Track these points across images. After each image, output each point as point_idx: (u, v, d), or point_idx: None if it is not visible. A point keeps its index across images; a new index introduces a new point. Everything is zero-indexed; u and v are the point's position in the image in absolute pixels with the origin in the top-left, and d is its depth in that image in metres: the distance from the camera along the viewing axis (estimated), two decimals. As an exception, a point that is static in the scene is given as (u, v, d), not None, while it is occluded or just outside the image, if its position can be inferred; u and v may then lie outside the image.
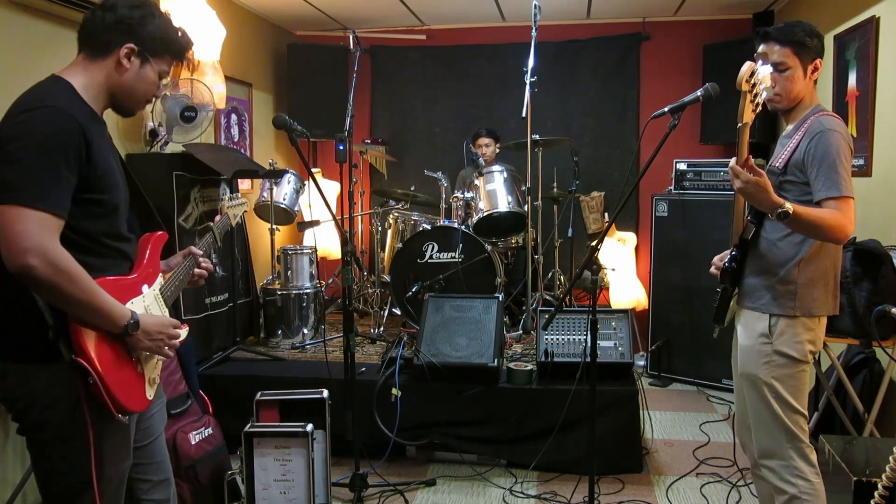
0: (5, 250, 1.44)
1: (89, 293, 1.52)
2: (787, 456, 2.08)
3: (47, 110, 1.51)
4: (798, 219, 1.92)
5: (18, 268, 1.43)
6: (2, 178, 1.45)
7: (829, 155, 1.95)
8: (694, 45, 5.27)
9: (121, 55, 1.64)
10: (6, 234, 1.43)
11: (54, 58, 3.13)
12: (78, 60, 1.67)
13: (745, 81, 1.90)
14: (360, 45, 4.05)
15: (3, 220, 1.43)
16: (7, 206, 1.43)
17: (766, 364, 2.09)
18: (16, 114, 1.51)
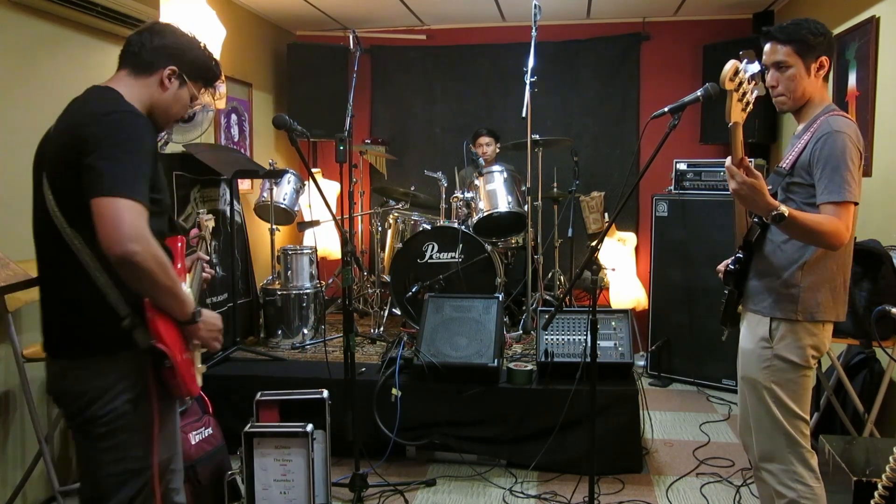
0: (110, 237, 1.51)
1: (173, 281, 1.63)
2: (787, 460, 2.06)
3: (129, 114, 1.66)
4: (793, 223, 1.88)
5: (122, 254, 1.51)
6: (102, 172, 1.55)
7: (834, 157, 1.92)
8: (694, 45, 5.27)
9: (164, 75, 1.79)
10: (112, 223, 1.51)
11: (54, 58, 3.13)
12: (121, 75, 1.79)
13: (729, 80, 1.84)
14: (360, 45, 4.05)
15: (109, 209, 1.52)
16: (110, 197, 1.53)
17: (766, 368, 2.07)
18: (100, 115, 1.63)
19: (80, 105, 1.71)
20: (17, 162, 2.92)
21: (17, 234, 2.91)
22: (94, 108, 1.67)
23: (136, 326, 1.64)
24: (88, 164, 1.56)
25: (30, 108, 2.98)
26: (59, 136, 1.67)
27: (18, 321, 2.85)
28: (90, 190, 1.55)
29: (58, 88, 3.13)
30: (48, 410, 3.08)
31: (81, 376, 1.67)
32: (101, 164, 1.55)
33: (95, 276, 1.63)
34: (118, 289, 1.63)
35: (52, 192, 1.65)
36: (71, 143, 1.61)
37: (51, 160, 1.68)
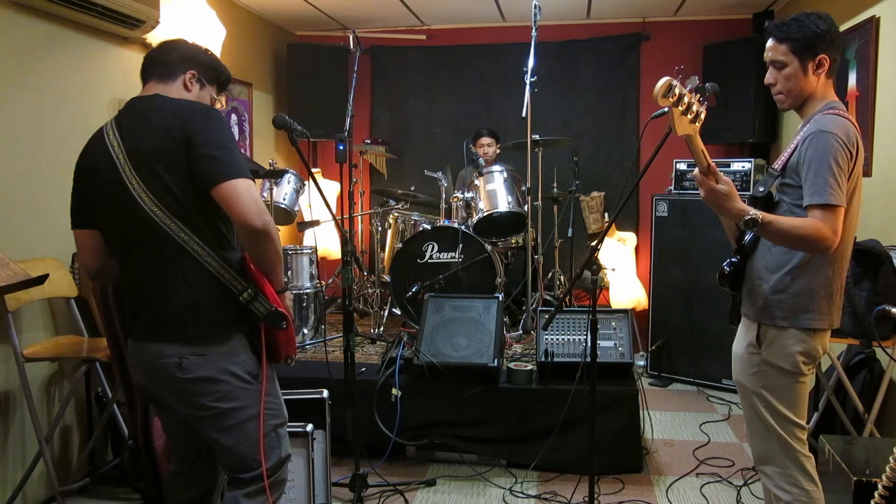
0: (250, 212, 1.72)
1: (281, 249, 1.87)
2: (783, 464, 2.02)
3: (214, 109, 1.86)
4: (768, 227, 1.84)
5: (262, 225, 1.74)
6: (225, 160, 1.74)
7: (817, 159, 1.86)
8: (694, 45, 5.26)
9: (186, 79, 1.94)
10: (250, 200, 1.73)
11: (54, 58, 3.13)
12: (151, 87, 1.93)
13: (662, 97, 1.74)
14: (360, 45, 4.05)
15: (241, 189, 1.73)
16: (238, 178, 1.73)
17: (754, 374, 2.04)
18: (191, 112, 1.79)
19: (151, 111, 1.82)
20: (17, 162, 2.93)
21: (17, 234, 2.92)
22: (177, 106, 1.81)
23: (256, 296, 1.81)
24: (203, 154, 1.73)
25: (30, 108, 2.98)
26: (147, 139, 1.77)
27: (18, 321, 2.86)
28: (214, 176, 1.72)
29: (58, 88, 3.13)
30: (48, 410, 3.08)
31: (200, 363, 1.80)
32: (218, 152, 1.73)
33: (207, 261, 1.79)
34: (230, 268, 1.81)
35: (150, 192, 1.76)
36: (172, 141, 1.74)
37: (144, 162, 1.76)
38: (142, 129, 1.80)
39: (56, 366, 3.12)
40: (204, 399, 1.82)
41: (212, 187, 1.73)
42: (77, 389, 3.09)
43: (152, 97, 1.87)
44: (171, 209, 1.76)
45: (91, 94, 3.34)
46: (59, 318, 3.16)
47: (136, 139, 1.79)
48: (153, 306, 1.83)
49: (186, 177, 1.76)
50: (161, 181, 1.76)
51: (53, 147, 3.10)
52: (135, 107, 1.87)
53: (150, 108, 1.84)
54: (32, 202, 3.00)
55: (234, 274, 1.81)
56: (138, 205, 1.76)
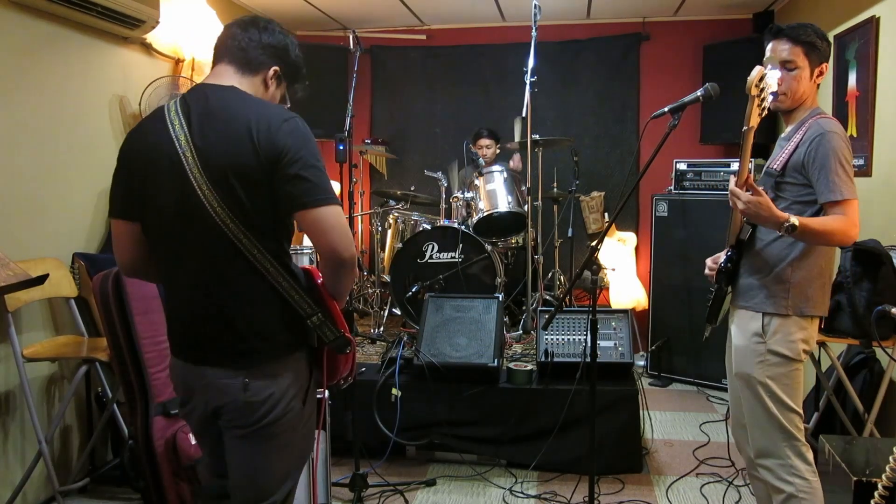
0: (338, 244, 1.60)
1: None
2: (784, 455, 2.08)
3: (300, 119, 1.67)
4: (805, 230, 1.94)
5: (351, 255, 1.63)
6: (316, 183, 1.60)
7: (830, 157, 1.96)
8: (694, 45, 5.27)
9: (268, 76, 1.76)
10: (340, 230, 1.61)
11: (54, 58, 3.13)
12: (228, 72, 1.71)
13: (755, 86, 1.88)
14: (360, 45, 4.05)
15: (333, 218, 1.60)
16: (329, 206, 1.60)
17: (760, 363, 2.10)
18: (279, 124, 1.60)
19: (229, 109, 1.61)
20: (17, 162, 2.93)
21: (17, 234, 2.91)
22: (261, 111, 1.61)
23: (324, 322, 1.68)
24: (294, 175, 1.57)
25: (30, 108, 2.98)
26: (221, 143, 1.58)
27: (18, 321, 2.86)
28: (303, 200, 1.58)
29: (58, 88, 3.13)
30: (48, 410, 3.08)
31: (265, 385, 1.66)
32: (309, 173, 1.59)
33: (278, 281, 1.63)
34: (300, 289, 1.66)
35: (223, 202, 1.57)
36: (253, 153, 1.56)
37: (217, 169, 1.57)
38: (217, 129, 1.59)
39: (56, 366, 3.12)
40: (263, 416, 1.67)
41: (298, 211, 1.58)
42: (77, 389, 3.09)
43: (228, 90, 1.66)
44: (246, 223, 1.58)
45: (91, 94, 3.34)
46: (59, 318, 3.16)
47: (210, 140, 1.58)
48: (215, 326, 1.65)
49: (267, 194, 1.58)
50: (236, 194, 1.57)
51: (53, 147, 3.10)
52: (206, 97, 1.64)
53: (227, 104, 1.62)
54: (32, 202, 2.99)
55: (303, 295, 1.65)
56: (207, 213, 1.57)
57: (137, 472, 2.83)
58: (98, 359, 2.88)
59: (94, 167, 3.32)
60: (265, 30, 1.77)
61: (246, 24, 1.76)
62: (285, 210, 1.60)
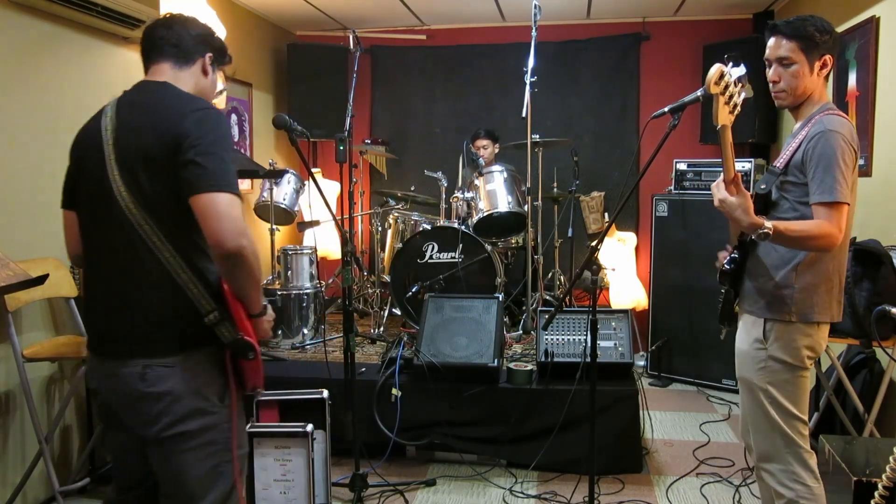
0: (222, 233, 1.55)
1: (260, 273, 1.68)
2: (785, 461, 2.05)
3: (214, 111, 1.69)
4: (781, 236, 1.89)
5: (235, 249, 1.56)
6: (207, 169, 1.58)
7: (826, 157, 1.90)
8: (694, 45, 5.27)
9: (205, 63, 1.85)
10: (224, 219, 1.56)
11: (54, 58, 3.13)
12: (164, 69, 1.80)
13: (714, 84, 1.82)
14: (360, 45, 4.05)
15: (220, 206, 1.56)
16: (220, 193, 1.57)
17: (761, 370, 2.06)
18: (186, 113, 1.64)
19: (151, 102, 1.70)
20: (17, 162, 2.93)
21: (16, 234, 2.91)
22: (174, 103, 1.68)
23: (222, 321, 1.65)
24: (188, 161, 1.58)
25: (30, 108, 2.98)
26: (138, 133, 1.65)
27: (18, 321, 2.86)
28: (194, 186, 1.57)
29: (58, 88, 3.13)
30: (48, 410, 3.08)
31: (165, 375, 1.64)
32: (204, 160, 1.58)
33: (177, 272, 1.63)
34: (201, 285, 1.65)
35: (129, 189, 1.63)
36: (159, 142, 1.61)
37: (129, 157, 1.64)
38: (138, 120, 1.67)
39: (56, 366, 3.12)
40: (165, 417, 1.65)
41: (190, 197, 1.58)
42: (77, 389, 3.09)
43: (161, 85, 1.75)
44: (149, 211, 1.63)
45: (91, 94, 3.34)
46: (59, 318, 3.16)
47: (128, 128, 1.66)
48: (116, 316, 1.69)
49: (169, 182, 1.61)
50: (140, 182, 1.63)
51: (53, 147, 3.10)
52: (141, 91, 1.75)
53: (154, 98, 1.71)
54: (32, 202, 2.99)
55: (202, 291, 1.65)
56: (116, 199, 1.63)
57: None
58: (98, 359, 2.88)
59: (94, 167, 3.31)
60: (188, 23, 1.84)
61: (169, 24, 1.83)
62: (184, 197, 1.59)
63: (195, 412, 1.68)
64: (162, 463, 1.72)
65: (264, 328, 1.79)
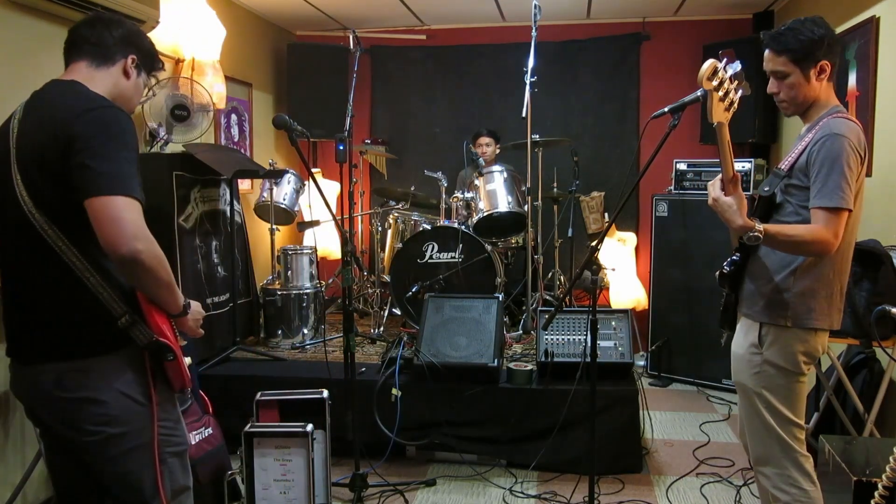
0: (114, 237, 1.50)
1: (171, 276, 1.63)
2: (782, 465, 2.04)
3: (111, 109, 1.62)
4: (772, 239, 1.88)
5: (128, 253, 1.50)
6: (98, 171, 1.52)
7: (829, 161, 1.87)
8: (694, 45, 5.26)
9: (127, 64, 1.78)
10: (115, 223, 1.50)
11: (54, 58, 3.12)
12: (79, 67, 1.75)
13: (707, 80, 1.82)
14: (360, 45, 4.05)
15: (111, 209, 1.50)
16: (111, 196, 1.51)
17: (756, 374, 2.04)
18: (81, 111, 1.58)
19: (51, 101, 1.66)
20: (17, 162, 2.92)
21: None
22: (71, 103, 1.61)
23: (134, 324, 1.62)
24: (79, 163, 1.52)
25: (30, 108, 2.98)
26: (33, 133, 1.61)
27: (18, 321, 2.85)
28: (85, 190, 1.52)
29: (58, 88, 3.13)
30: (48, 410, 3.08)
31: (81, 380, 1.62)
32: (95, 162, 1.52)
33: (85, 276, 1.60)
34: (110, 288, 1.61)
35: (29, 192, 1.59)
36: (53, 142, 1.56)
37: (26, 159, 1.61)
38: (35, 120, 1.63)
39: (56, 366, 3.12)
40: (88, 423, 1.62)
41: (83, 200, 1.52)
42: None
43: (68, 84, 1.69)
44: (50, 214, 1.58)
45: (91, 94, 3.34)
46: (59, 318, 3.15)
47: (27, 130, 1.62)
48: (30, 321, 1.66)
49: (64, 185, 1.55)
50: (38, 185, 1.58)
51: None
52: (47, 91, 1.70)
53: (55, 97, 1.66)
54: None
55: (113, 294, 1.61)
56: (19, 202, 1.59)
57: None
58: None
59: (94, 167, 3.31)
60: (113, 23, 1.78)
61: (92, 22, 1.78)
62: (79, 201, 1.54)
63: (116, 415, 1.65)
64: (101, 472, 1.71)
65: (189, 326, 1.76)
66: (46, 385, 1.63)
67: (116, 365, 1.65)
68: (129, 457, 1.69)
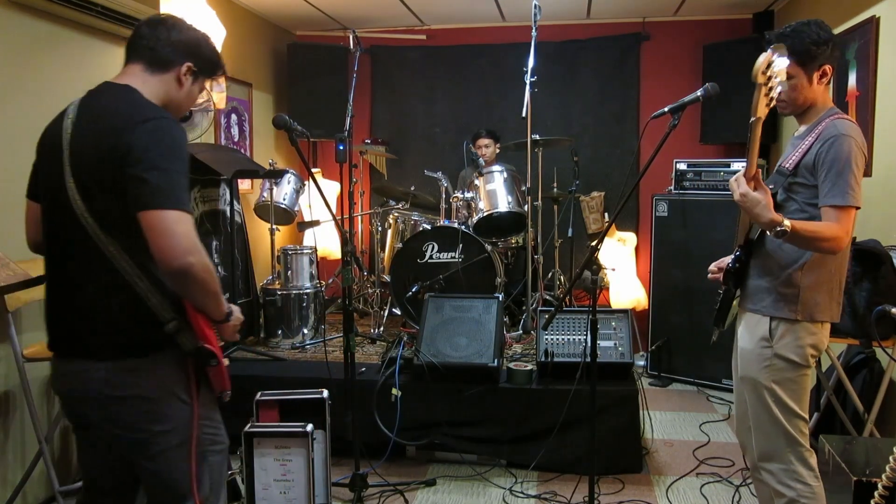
0: (167, 251, 1.53)
1: (218, 285, 1.66)
2: (787, 460, 2.06)
3: (167, 121, 1.63)
4: (797, 235, 1.91)
5: (181, 267, 1.53)
6: (151, 184, 1.54)
7: (840, 161, 1.92)
8: (694, 45, 5.27)
9: (181, 72, 1.77)
10: (169, 237, 1.53)
11: (54, 58, 3.13)
12: (135, 70, 1.74)
13: (762, 73, 1.82)
14: (360, 45, 4.05)
15: (166, 223, 1.53)
16: (166, 210, 1.54)
17: (766, 368, 2.08)
18: (139, 122, 1.59)
19: (106, 107, 1.66)
20: (17, 162, 2.92)
21: (17, 235, 2.91)
22: (127, 111, 1.63)
23: (181, 330, 1.65)
24: (134, 175, 1.55)
25: (30, 108, 2.98)
26: (89, 139, 1.63)
27: (18, 321, 2.85)
28: (140, 202, 1.55)
29: (58, 88, 3.13)
30: (48, 410, 3.08)
31: (129, 379, 1.65)
32: (149, 175, 1.54)
33: (134, 281, 1.62)
34: (158, 294, 1.64)
35: (82, 197, 1.61)
36: (109, 151, 1.58)
37: (80, 164, 1.62)
38: (90, 125, 1.64)
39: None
40: (136, 420, 1.66)
41: (137, 212, 1.55)
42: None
43: (122, 88, 1.70)
44: (101, 220, 1.61)
45: (91, 94, 3.34)
46: (59, 318, 3.15)
47: (82, 135, 1.63)
48: (79, 320, 1.67)
49: (118, 194, 1.58)
50: (92, 192, 1.61)
51: (53, 147, 3.10)
52: (102, 94, 1.71)
53: (109, 102, 1.67)
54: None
55: (162, 300, 1.64)
56: (72, 206, 1.61)
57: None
58: (98, 359, 2.88)
59: (94, 167, 3.31)
60: (174, 27, 1.77)
61: (154, 24, 1.77)
62: (132, 212, 1.56)
63: (163, 413, 1.68)
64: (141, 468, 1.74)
65: (229, 332, 1.79)
66: (95, 384, 1.65)
67: (163, 364, 1.68)
68: (169, 454, 1.71)
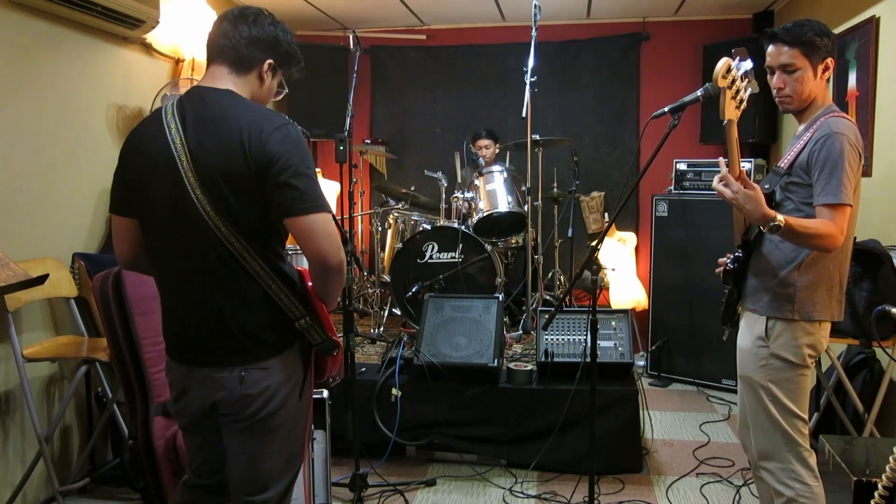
0: (327, 251, 1.63)
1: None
2: (785, 459, 2.06)
3: (293, 127, 1.67)
4: (790, 230, 1.91)
5: (338, 263, 1.66)
6: (303, 190, 1.60)
7: (832, 159, 1.92)
8: (694, 45, 5.27)
9: (263, 70, 1.74)
10: (326, 237, 1.63)
11: (54, 58, 3.13)
12: (222, 73, 1.72)
13: (721, 77, 1.84)
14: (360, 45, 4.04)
15: (322, 226, 1.62)
16: (317, 213, 1.62)
17: (762, 367, 2.08)
18: (269, 131, 1.60)
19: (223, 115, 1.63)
20: (17, 162, 2.93)
21: (17, 235, 2.91)
22: (252, 117, 1.62)
23: (311, 325, 1.72)
24: (282, 183, 1.59)
25: (30, 108, 2.98)
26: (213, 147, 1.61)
27: (18, 321, 2.86)
28: (293, 208, 1.60)
29: (58, 88, 3.13)
30: (48, 410, 3.08)
31: (261, 377, 1.71)
32: (297, 181, 1.59)
33: (268, 283, 1.67)
34: (289, 292, 1.70)
35: (215, 207, 1.61)
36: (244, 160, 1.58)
37: (209, 174, 1.60)
38: (210, 134, 1.61)
39: (56, 366, 3.12)
40: (258, 409, 1.71)
41: (287, 218, 1.61)
42: (77, 389, 3.09)
43: (223, 93, 1.67)
44: (236, 228, 1.62)
45: (91, 95, 3.34)
46: (59, 318, 3.16)
47: (204, 144, 1.61)
48: (210, 330, 1.70)
49: (258, 201, 1.61)
50: (227, 199, 1.60)
51: (53, 147, 3.10)
52: (202, 101, 1.66)
53: (221, 109, 1.64)
54: (32, 202, 3.00)
55: (292, 298, 1.69)
56: (200, 216, 1.61)
57: (137, 471, 2.83)
58: (98, 359, 2.89)
59: (94, 167, 3.32)
60: (254, 23, 1.72)
61: (235, 20, 1.71)
62: (276, 216, 1.63)
63: (283, 405, 1.75)
64: (242, 451, 1.77)
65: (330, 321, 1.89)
66: (229, 384, 1.70)
67: (288, 361, 1.75)
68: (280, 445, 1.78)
